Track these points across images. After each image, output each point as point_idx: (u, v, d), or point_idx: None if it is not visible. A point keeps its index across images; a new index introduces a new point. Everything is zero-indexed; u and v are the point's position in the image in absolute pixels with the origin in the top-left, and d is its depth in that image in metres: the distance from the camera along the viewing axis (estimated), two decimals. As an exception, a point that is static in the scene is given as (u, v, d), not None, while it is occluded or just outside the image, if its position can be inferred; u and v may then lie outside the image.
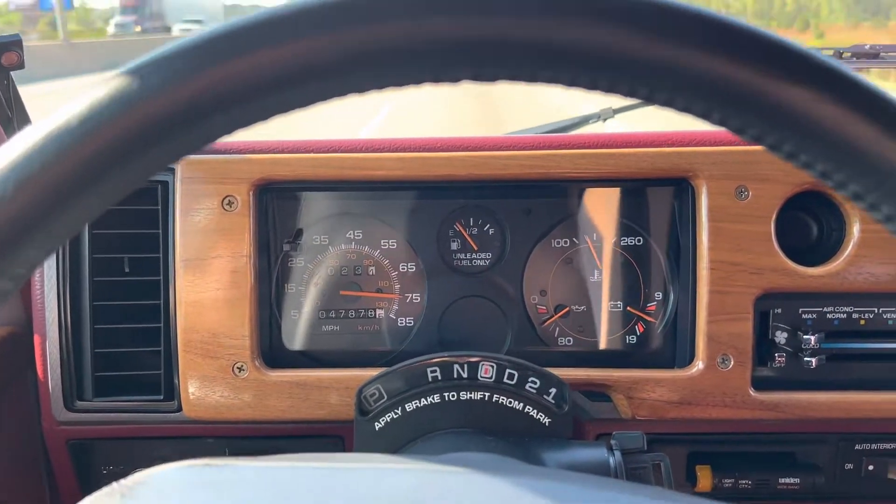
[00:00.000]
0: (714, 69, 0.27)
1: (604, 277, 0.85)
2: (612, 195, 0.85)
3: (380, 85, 0.28)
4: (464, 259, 0.85)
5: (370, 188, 0.83)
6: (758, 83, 0.27)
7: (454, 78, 0.28)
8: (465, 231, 0.85)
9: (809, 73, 0.27)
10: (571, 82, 0.28)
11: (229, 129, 0.27)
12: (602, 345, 0.86)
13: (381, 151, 0.79)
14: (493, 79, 0.28)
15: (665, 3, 0.26)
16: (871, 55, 1.09)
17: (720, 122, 0.28)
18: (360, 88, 0.28)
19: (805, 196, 0.78)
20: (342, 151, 0.79)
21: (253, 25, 0.26)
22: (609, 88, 0.28)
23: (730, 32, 0.27)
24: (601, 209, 0.85)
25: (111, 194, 0.27)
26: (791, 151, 0.28)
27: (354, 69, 0.26)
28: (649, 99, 0.28)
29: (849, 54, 1.09)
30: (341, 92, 0.27)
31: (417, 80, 0.28)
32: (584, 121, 1.18)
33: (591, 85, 0.28)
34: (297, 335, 0.85)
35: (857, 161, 0.28)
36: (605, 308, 0.86)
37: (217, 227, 0.76)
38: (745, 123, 0.28)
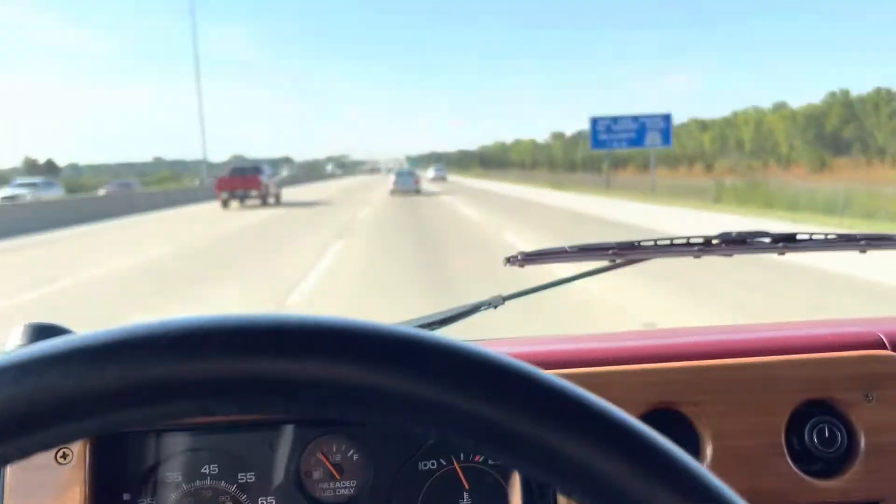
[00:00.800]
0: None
1: (472, 501, 0.82)
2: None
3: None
4: (326, 489, 0.81)
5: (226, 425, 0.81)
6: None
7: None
8: (328, 459, 0.82)
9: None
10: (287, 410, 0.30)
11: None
12: None
13: None
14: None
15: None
16: (738, 241, 1.13)
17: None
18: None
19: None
20: None
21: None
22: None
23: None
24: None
25: None
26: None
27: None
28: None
29: (717, 241, 1.13)
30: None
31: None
32: (475, 309, 1.19)
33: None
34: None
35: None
36: None
37: (50, 483, 0.72)
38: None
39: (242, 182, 24.84)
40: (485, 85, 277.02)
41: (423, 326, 1.15)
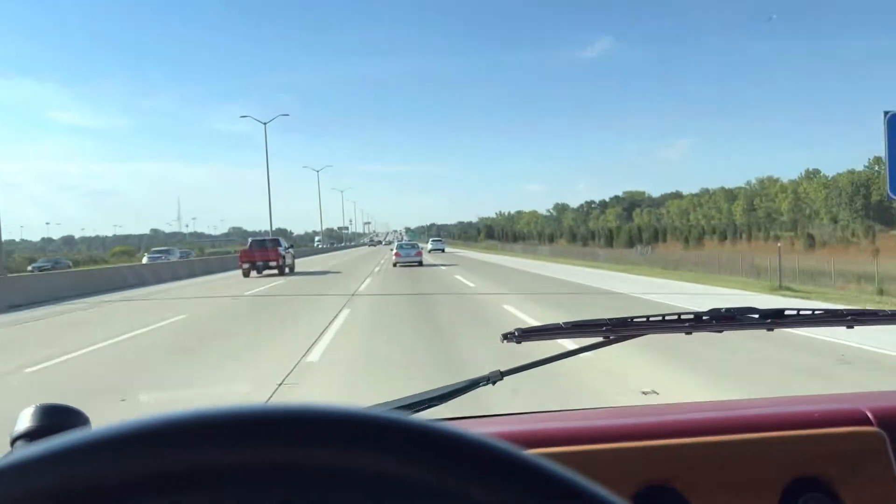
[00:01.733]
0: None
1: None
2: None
3: None
4: None
5: None
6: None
7: None
8: None
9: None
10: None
11: None
12: None
13: None
14: None
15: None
16: (728, 318, 1.16)
17: None
18: None
19: None
20: None
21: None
22: None
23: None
24: None
25: None
26: None
27: None
28: None
29: (708, 317, 1.17)
30: None
31: None
32: (473, 385, 1.21)
33: None
34: None
35: None
36: None
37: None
38: None
39: (262, 254, 26.82)
40: (483, 158, 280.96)
41: (422, 403, 1.18)
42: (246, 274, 26.46)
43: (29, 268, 41.14)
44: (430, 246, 58.83)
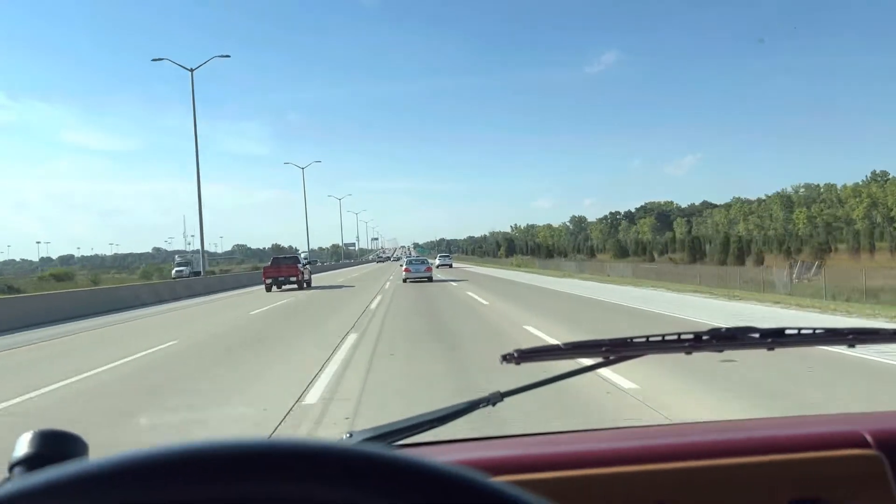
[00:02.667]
0: None
1: None
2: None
3: None
4: None
5: None
6: None
7: None
8: None
9: None
10: None
11: None
12: None
13: None
14: None
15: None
16: (728, 337, 1.16)
17: None
18: None
19: None
20: None
21: None
22: None
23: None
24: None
25: None
26: None
27: None
28: None
29: (708, 337, 1.16)
30: None
31: None
32: (473, 406, 1.21)
33: None
34: None
35: None
36: None
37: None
38: None
39: (284, 270, 29.36)
40: (492, 173, 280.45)
41: (422, 424, 1.18)
42: (268, 289, 28.69)
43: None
44: (437, 262, 59.07)
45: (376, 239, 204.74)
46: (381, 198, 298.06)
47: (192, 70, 32.52)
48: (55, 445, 0.78)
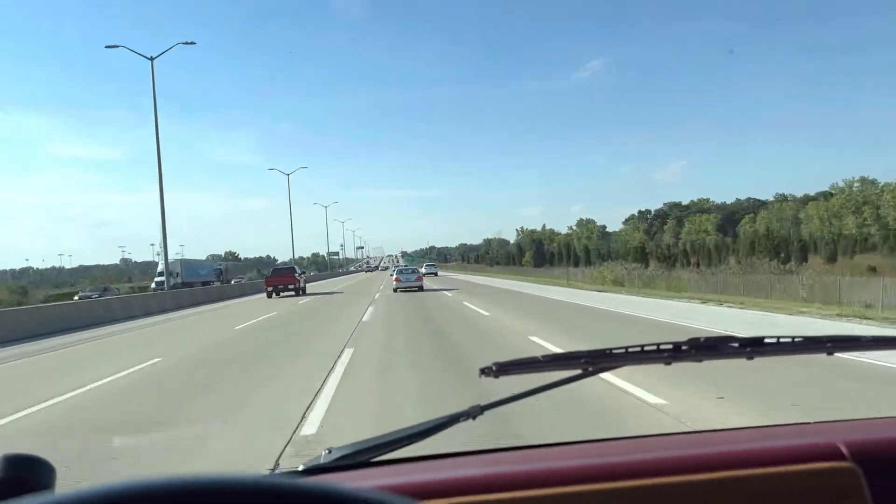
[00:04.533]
0: None
1: None
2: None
3: None
4: None
5: None
6: None
7: None
8: None
9: None
10: None
11: None
12: None
13: None
14: None
15: None
16: (708, 347, 1.15)
17: None
18: None
19: None
20: None
21: None
22: None
23: None
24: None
25: None
26: None
27: None
28: None
29: (687, 347, 1.15)
30: None
31: None
32: (454, 420, 1.20)
33: None
34: None
35: None
36: None
37: None
38: None
39: (283, 279, 33.68)
40: (482, 180, 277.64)
41: (402, 440, 1.17)
42: (269, 295, 32.78)
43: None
44: (423, 270, 58.73)
45: (362, 247, 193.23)
46: (367, 206, 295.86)
47: (152, 59, 31.52)
48: (24, 470, 0.77)
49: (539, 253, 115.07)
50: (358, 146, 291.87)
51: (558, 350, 6.67)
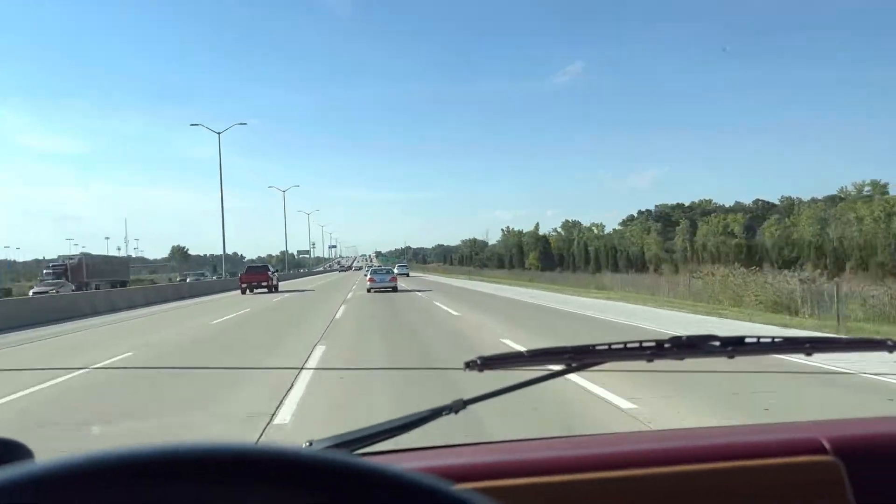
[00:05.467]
0: None
1: None
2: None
3: None
4: None
5: None
6: None
7: None
8: None
9: None
10: None
11: None
12: None
13: None
14: None
15: None
16: (689, 345, 1.16)
17: None
18: None
19: None
20: None
21: None
22: None
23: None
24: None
25: None
26: None
27: None
28: None
29: (669, 345, 1.17)
30: None
31: None
32: (436, 414, 1.20)
33: None
34: None
35: None
36: None
37: None
38: None
39: (257, 276, 36.25)
40: (459, 181, 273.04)
41: (384, 433, 1.17)
42: (244, 292, 35.00)
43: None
44: (395, 271, 58.29)
45: (334, 246, 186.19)
46: (338, 206, 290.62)
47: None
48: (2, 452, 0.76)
49: (546, 254, 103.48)
50: (332, 145, 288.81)
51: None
